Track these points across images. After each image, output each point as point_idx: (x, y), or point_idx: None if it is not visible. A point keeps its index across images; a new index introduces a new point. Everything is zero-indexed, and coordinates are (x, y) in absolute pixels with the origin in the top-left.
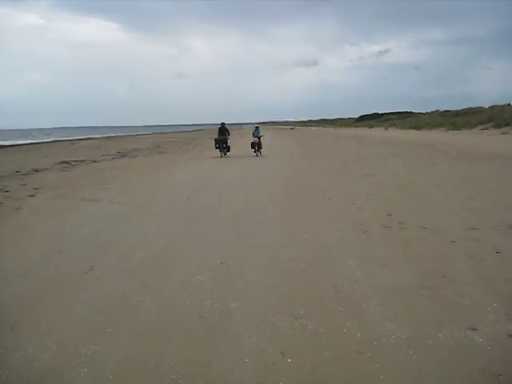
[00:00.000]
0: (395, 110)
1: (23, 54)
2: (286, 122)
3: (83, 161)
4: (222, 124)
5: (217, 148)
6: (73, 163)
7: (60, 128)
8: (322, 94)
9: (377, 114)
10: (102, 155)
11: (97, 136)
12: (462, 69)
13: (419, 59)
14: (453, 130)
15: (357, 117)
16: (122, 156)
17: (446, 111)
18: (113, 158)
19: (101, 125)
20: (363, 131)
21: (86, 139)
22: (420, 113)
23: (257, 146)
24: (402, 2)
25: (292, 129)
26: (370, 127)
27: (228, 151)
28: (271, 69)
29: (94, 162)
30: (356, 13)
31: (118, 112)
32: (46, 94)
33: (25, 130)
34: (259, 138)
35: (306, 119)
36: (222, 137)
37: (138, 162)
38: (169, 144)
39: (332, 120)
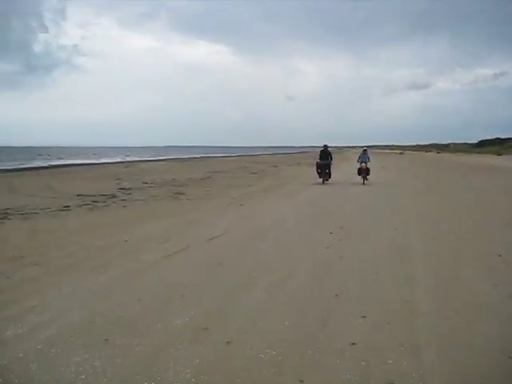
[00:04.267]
0: None
1: (138, 75)
2: (393, 146)
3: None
4: (325, 146)
5: (318, 173)
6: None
7: (171, 146)
8: (432, 118)
9: (499, 138)
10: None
11: (183, 156)
12: None
13: None
14: None
15: (473, 142)
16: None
17: None
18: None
19: (209, 144)
20: (494, 159)
21: (156, 160)
22: None
23: (364, 173)
24: None
25: (401, 154)
26: (499, 154)
27: (329, 177)
28: (379, 92)
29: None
30: (468, 35)
31: (225, 132)
32: (159, 115)
33: (138, 147)
34: (366, 163)
35: (414, 143)
36: (325, 161)
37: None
38: (235, 172)
39: (444, 145)
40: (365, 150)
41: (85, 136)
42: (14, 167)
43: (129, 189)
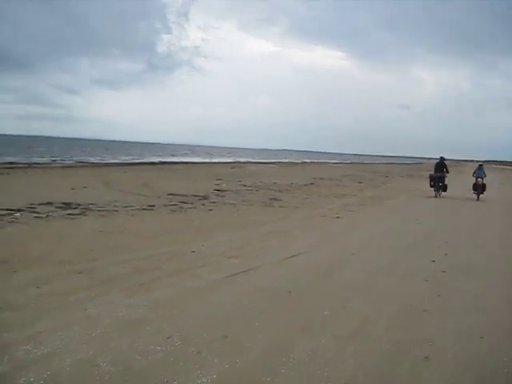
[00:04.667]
0: None
1: (255, 78)
2: None
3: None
4: (441, 158)
5: (431, 186)
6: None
7: (285, 150)
8: None
9: None
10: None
11: (294, 161)
12: None
13: None
14: None
15: None
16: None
17: None
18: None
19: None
20: None
21: (265, 163)
22: None
23: (480, 189)
24: None
25: None
26: None
27: (444, 191)
28: (500, 104)
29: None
30: None
31: (338, 138)
32: (273, 118)
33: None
34: (482, 178)
35: None
36: (439, 174)
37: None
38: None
39: None
40: (481, 165)
41: (201, 135)
42: (121, 161)
43: (224, 191)
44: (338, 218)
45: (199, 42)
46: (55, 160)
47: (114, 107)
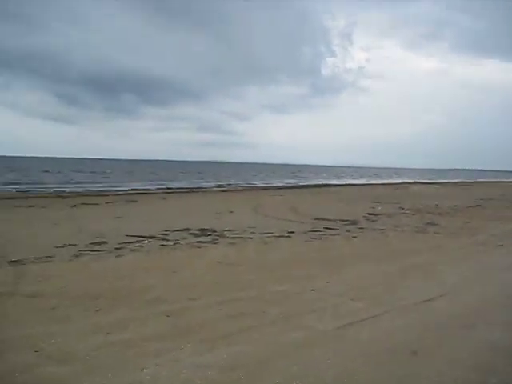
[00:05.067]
0: None
1: (422, 97)
2: None
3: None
4: None
5: None
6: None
7: (454, 169)
8: None
9: None
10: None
11: (465, 180)
12: None
13: None
14: None
15: None
16: None
17: None
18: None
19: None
20: None
21: (429, 183)
22: None
23: None
24: None
25: None
26: None
27: None
28: None
29: None
30: None
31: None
32: (442, 136)
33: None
34: None
35: None
36: None
37: None
38: None
39: None
40: None
41: (368, 156)
42: (282, 185)
43: (377, 215)
44: (499, 246)
45: (363, 62)
46: (221, 184)
47: (283, 131)
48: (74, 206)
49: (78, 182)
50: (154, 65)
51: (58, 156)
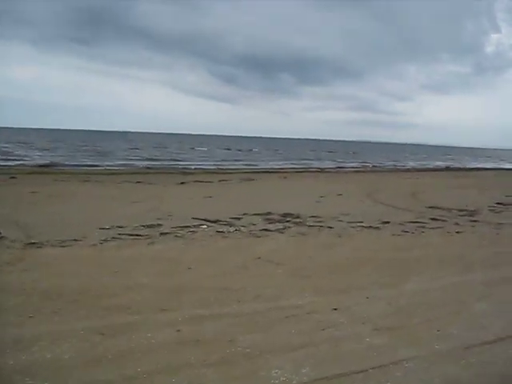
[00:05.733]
0: None
1: None
2: None
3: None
4: None
5: None
6: None
7: None
8: None
9: None
10: None
11: None
12: None
13: None
14: None
15: None
16: None
17: None
18: None
19: None
20: None
21: None
22: None
23: None
24: None
25: None
26: None
27: None
28: None
29: None
30: None
31: None
32: None
33: None
34: None
35: None
36: None
37: None
38: None
39: None
40: None
41: None
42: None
43: (509, 205)
44: None
45: None
46: (365, 165)
47: (443, 112)
48: (183, 183)
49: (216, 160)
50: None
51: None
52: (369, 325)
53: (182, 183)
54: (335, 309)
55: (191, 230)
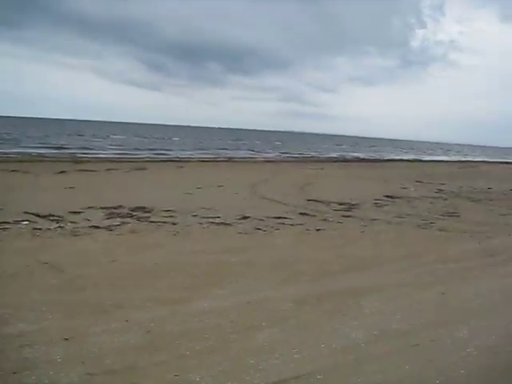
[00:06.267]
0: None
1: None
2: None
3: None
4: None
5: None
6: None
7: None
8: None
9: None
10: None
11: None
12: None
13: None
14: None
15: None
16: None
17: None
18: None
19: None
20: None
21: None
22: None
23: None
24: None
25: None
26: None
27: None
28: None
29: None
30: None
31: None
32: None
33: None
34: None
35: None
36: None
37: None
38: None
39: None
40: None
41: (454, 132)
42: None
43: (397, 198)
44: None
45: (455, 35)
46: (280, 156)
47: (369, 104)
48: (62, 172)
49: (126, 148)
50: (242, 35)
51: (145, 122)
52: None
53: (62, 172)
54: (66, 339)
55: (5, 227)
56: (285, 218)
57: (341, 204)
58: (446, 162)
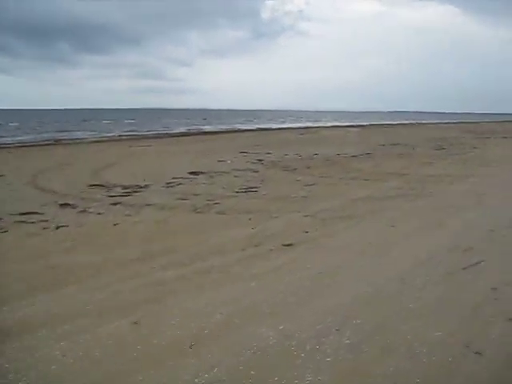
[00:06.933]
0: None
1: (366, 41)
2: None
3: None
4: None
5: None
6: None
7: (395, 112)
8: None
9: None
10: None
11: (391, 122)
12: None
13: None
14: None
15: None
16: None
17: None
18: None
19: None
20: None
21: (347, 126)
22: None
23: None
24: None
25: None
26: None
27: None
28: None
29: None
30: None
31: (454, 97)
32: (383, 80)
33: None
34: None
35: None
36: None
37: None
38: None
39: None
40: None
41: (305, 100)
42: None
43: (202, 173)
44: (289, 246)
45: (303, 5)
46: (125, 134)
47: (225, 76)
48: None
49: None
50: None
51: None
52: None
53: None
54: None
55: None
56: (38, 212)
57: (126, 188)
58: (292, 129)
